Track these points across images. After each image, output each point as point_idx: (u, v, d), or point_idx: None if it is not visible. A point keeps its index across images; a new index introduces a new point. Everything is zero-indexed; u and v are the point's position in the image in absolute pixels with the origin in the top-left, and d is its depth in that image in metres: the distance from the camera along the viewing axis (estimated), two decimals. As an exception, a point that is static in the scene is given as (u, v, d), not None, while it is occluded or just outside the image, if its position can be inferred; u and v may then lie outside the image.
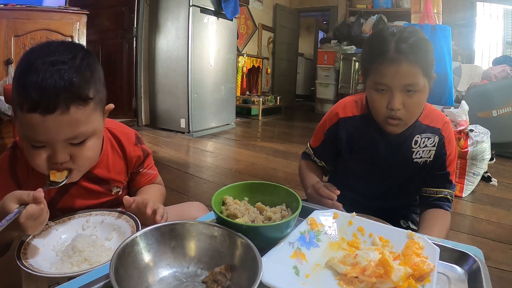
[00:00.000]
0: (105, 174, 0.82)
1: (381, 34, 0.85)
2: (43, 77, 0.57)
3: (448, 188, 0.93)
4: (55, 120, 0.59)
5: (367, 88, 0.89)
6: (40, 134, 0.60)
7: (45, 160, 0.64)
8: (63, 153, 0.64)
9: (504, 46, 4.59)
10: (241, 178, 2.47)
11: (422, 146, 0.92)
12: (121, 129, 0.86)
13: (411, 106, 0.83)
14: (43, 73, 0.57)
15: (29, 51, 0.63)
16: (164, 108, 3.96)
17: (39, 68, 0.58)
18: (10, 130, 2.23)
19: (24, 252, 0.60)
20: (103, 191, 0.83)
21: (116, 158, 0.84)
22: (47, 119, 0.58)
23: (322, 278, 0.53)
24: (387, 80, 0.81)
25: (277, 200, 0.65)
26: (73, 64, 0.61)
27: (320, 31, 8.42)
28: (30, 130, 0.60)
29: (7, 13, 2.28)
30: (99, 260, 0.61)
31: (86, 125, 0.64)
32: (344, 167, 1.04)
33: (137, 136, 0.90)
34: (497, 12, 4.64)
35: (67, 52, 0.61)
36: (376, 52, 0.84)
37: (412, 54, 0.79)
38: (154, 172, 0.95)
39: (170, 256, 0.52)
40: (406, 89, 0.81)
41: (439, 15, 2.56)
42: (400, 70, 0.79)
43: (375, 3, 5.35)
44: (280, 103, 5.66)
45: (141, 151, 0.89)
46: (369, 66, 0.86)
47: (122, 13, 3.86)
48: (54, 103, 0.58)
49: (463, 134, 2.26)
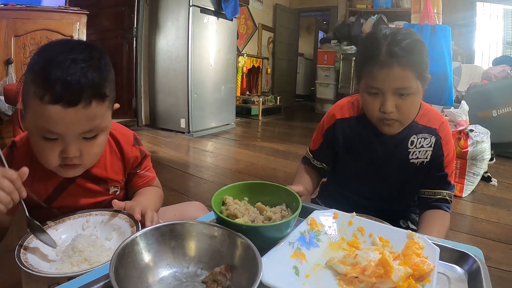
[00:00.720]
0: (102, 174, 0.83)
1: (374, 36, 0.84)
2: (67, 73, 0.60)
3: (447, 189, 0.92)
4: (76, 113, 0.62)
5: (360, 91, 0.89)
6: (58, 126, 0.62)
7: (57, 154, 0.66)
8: (75, 147, 0.66)
9: (504, 46, 4.60)
10: (241, 178, 2.47)
11: (418, 147, 0.92)
12: (120, 130, 0.87)
13: (404, 108, 0.83)
14: (67, 69, 0.60)
15: (46, 46, 0.66)
16: (164, 108, 3.96)
17: (62, 64, 0.61)
18: (10, 130, 2.23)
19: (24, 252, 0.60)
20: (101, 190, 0.84)
21: (114, 158, 0.85)
22: (68, 112, 0.61)
23: (322, 278, 0.53)
24: (378, 83, 0.81)
25: (277, 200, 0.65)
26: (93, 63, 0.64)
27: (320, 31, 8.42)
28: (48, 122, 0.62)
29: (7, 13, 2.28)
30: (99, 260, 0.61)
31: (101, 120, 0.67)
32: (342, 168, 1.04)
33: (136, 137, 0.90)
34: (497, 12, 4.65)
35: (86, 51, 0.64)
36: (368, 54, 0.83)
37: (404, 57, 0.78)
38: (152, 174, 0.95)
39: (170, 256, 0.52)
40: (398, 92, 0.81)
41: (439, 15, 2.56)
42: (392, 73, 0.78)
43: (375, 3, 5.35)
44: (280, 103, 5.66)
45: (138, 152, 0.89)
46: (362, 68, 0.86)
47: (122, 13, 3.86)
48: (77, 97, 0.61)
49: (463, 134, 2.26)
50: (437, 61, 2.38)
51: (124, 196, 0.92)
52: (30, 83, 0.62)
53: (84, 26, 2.69)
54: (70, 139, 0.65)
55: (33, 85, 0.61)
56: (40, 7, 2.51)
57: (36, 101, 0.61)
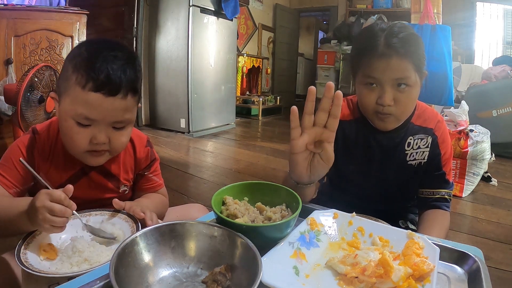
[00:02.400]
0: (116, 170, 0.86)
1: (370, 29, 0.85)
2: (111, 67, 0.68)
3: (446, 188, 0.92)
4: (113, 102, 0.69)
5: (356, 84, 0.87)
6: (95, 112, 0.69)
7: (87, 140, 0.71)
8: (105, 135, 0.72)
9: (504, 46, 4.59)
10: (241, 178, 2.47)
11: (415, 148, 0.91)
12: (135, 132, 0.91)
13: (403, 102, 0.81)
14: (110, 63, 0.68)
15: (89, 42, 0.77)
16: (164, 108, 3.96)
17: (106, 58, 0.68)
18: (10, 130, 2.23)
19: (24, 252, 0.60)
20: (111, 187, 0.86)
21: (127, 156, 0.89)
22: (107, 100, 0.68)
23: (322, 278, 0.52)
24: (378, 73, 0.80)
25: (277, 200, 0.65)
26: (131, 62, 0.72)
27: (320, 31, 8.41)
28: (86, 107, 0.68)
29: (7, 13, 2.28)
30: (99, 260, 0.61)
31: (131, 112, 0.75)
32: (340, 170, 1.04)
33: (149, 140, 0.95)
34: (497, 12, 4.64)
35: (126, 51, 0.73)
36: (366, 47, 0.82)
37: (403, 48, 0.78)
38: (160, 181, 0.97)
39: (170, 256, 0.52)
40: (397, 83, 0.80)
41: (439, 15, 2.56)
42: (391, 64, 0.78)
43: (375, 3, 5.35)
44: (280, 103, 5.66)
45: (149, 153, 0.93)
46: (359, 60, 0.85)
47: (122, 13, 3.86)
48: (117, 88, 0.69)
49: (463, 134, 2.26)
50: (437, 61, 2.38)
51: (131, 197, 0.93)
52: (71, 72, 0.69)
53: (84, 26, 2.69)
54: (102, 127, 0.71)
55: (76, 74, 0.68)
56: (40, 7, 2.51)
57: (77, 88, 0.68)
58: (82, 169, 0.81)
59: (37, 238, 0.65)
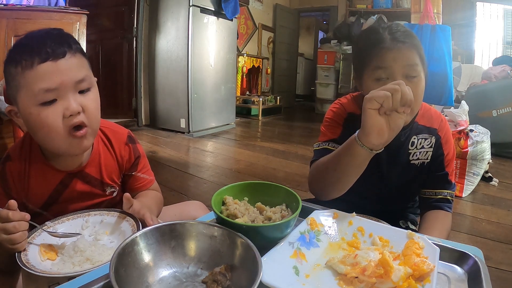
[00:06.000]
0: (97, 173, 0.82)
1: (374, 27, 0.88)
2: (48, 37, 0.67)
3: (448, 188, 0.92)
4: (66, 62, 0.67)
5: (364, 82, 0.86)
6: (53, 79, 0.66)
7: (60, 117, 0.67)
8: (75, 102, 0.68)
9: (504, 46, 4.59)
10: (241, 178, 2.47)
11: (419, 148, 0.91)
12: (112, 128, 0.87)
13: (414, 93, 0.81)
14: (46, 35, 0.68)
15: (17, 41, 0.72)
16: (164, 108, 3.96)
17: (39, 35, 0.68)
18: (10, 130, 2.23)
19: (24, 252, 0.60)
20: (97, 192, 0.83)
21: (107, 157, 0.84)
22: (59, 63, 0.66)
23: (322, 278, 0.53)
24: (389, 62, 0.81)
25: (277, 200, 0.65)
26: (57, 29, 0.71)
27: (320, 31, 8.42)
28: (43, 80, 0.65)
29: (7, 13, 2.28)
30: (101, 259, 0.61)
31: (87, 70, 0.72)
32: None
33: (130, 135, 0.89)
34: (497, 12, 4.64)
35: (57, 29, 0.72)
36: (373, 43, 0.84)
37: (408, 39, 0.82)
38: (150, 177, 0.92)
39: (170, 256, 0.52)
40: (407, 73, 0.81)
41: (439, 15, 2.56)
42: (400, 53, 0.81)
43: (375, 3, 5.35)
44: (280, 103, 5.66)
45: (131, 150, 0.88)
46: (366, 57, 0.85)
47: (122, 13, 3.86)
48: (63, 49, 0.67)
49: (463, 134, 2.26)
50: (437, 61, 2.38)
51: (121, 198, 0.91)
52: (14, 68, 0.66)
53: (84, 26, 2.69)
54: (69, 94, 0.68)
55: (19, 64, 0.66)
56: (40, 7, 2.51)
57: (27, 73, 0.65)
58: (62, 181, 0.78)
59: (37, 239, 0.65)
